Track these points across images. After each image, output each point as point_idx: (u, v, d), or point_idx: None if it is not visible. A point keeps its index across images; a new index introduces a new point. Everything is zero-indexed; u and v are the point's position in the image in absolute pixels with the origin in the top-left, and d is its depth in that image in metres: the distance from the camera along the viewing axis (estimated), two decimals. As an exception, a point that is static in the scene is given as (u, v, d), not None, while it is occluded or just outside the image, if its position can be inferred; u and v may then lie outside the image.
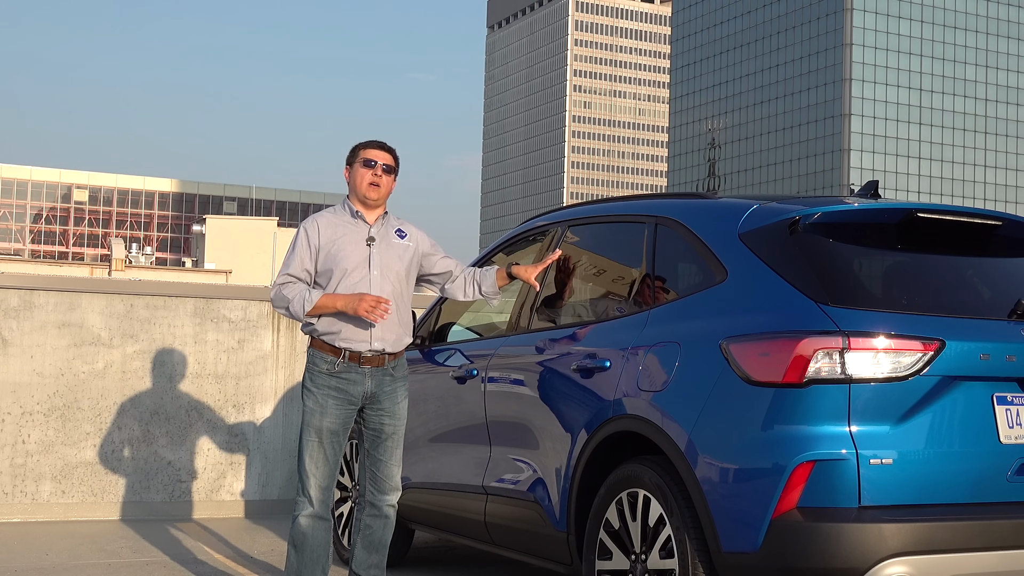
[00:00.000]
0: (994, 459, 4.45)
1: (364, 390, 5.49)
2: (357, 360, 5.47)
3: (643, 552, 4.80)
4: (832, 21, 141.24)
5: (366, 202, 5.58)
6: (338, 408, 5.47)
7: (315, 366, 5.51)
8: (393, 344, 5.55)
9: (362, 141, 5.71)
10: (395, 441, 5.63)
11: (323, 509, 5.51)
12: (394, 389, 5.59)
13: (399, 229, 5.68)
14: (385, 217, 5.66)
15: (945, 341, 4.38)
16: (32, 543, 7.55)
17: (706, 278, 4.96)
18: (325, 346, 5.49)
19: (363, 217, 5.58)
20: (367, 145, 5.66)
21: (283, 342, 9.15)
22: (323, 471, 5.49)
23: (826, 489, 4.24)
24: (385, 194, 5.61)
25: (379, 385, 5.53)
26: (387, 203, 5.70)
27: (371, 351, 5.48)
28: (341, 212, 5.63)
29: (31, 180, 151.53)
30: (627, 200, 5.88)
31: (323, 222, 5.57)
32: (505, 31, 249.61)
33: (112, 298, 8.74)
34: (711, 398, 4.57)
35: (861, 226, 4.91)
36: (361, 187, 5.56)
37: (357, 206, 5.60)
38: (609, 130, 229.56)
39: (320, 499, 5.50)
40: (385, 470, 5.62)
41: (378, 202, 5.60)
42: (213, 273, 69.22)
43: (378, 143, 5.68)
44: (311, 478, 5.48)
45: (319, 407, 5.46)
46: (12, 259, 79.71)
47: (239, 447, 9.00)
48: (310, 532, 5.49)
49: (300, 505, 5.52)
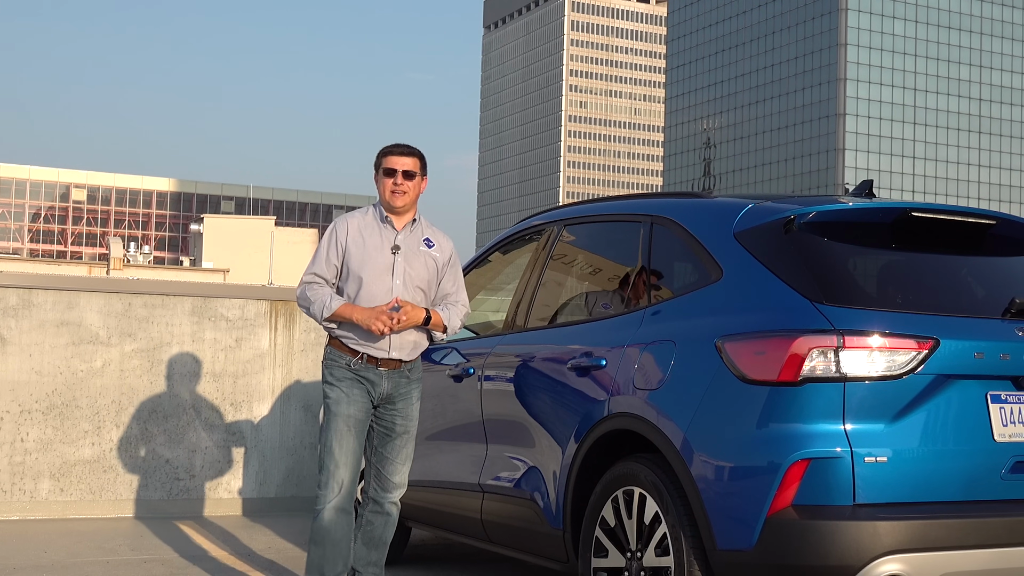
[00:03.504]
0: (988, 457, 4.47)
1: (381, 390, 5.50)
2: (375, 363, 5.47)
3: (639, 550, 4.82)
4: (827, 21, 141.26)
5: (392, 210, 5.53)
6: (362, 397, 5.47)
7: (334, 361, 5.51)
8: (410, 353, 5.54)
9: (386, 145, 5.62)
10: (404, 440, 5.62)
11: (347, 501, 5.44)
12: (409, 391, 5.60)
13: (427, 238, 5.61)
14: (414, 224, 5.59)
15: (939, 340, 4.40)
16: (30, 541, 7.56)
17: (701, 277, 4.98)
18: (344, 346, 5.49)
19: (391, 223, 5.53)
20: (388, 151, 5.57)
21: (280, 341, 9.16)
22: (353, 459, 5.45)
23: (821, 487, 4.26)
24: (411, 200, 5.53)
25: (395, 387, 5.53)
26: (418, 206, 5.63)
27: (388, 358, 5.49)
28: (372, 215, 5.58)
29: (29, 179, 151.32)
30: (623, 199, 5.90)
31: (353, 224, 5.53)
32: (502, 31, 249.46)
33: (110, 297, 8.75)
34: (706, 396, 4.59)
35: (856, 225, 4.93)
36: (384, 196, 5.52)
37: (386, 211, 5.55)
38: (605, 130, 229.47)
39: (348, 490, 5.43)
40: (390, 467, 5.61)
41: (404, 208, 5.53)
42: (211, 272, 69.16)
43: (399, 148, 5.57)
44: (340, 466, 5.41)
45: (345, 395, 5.45)
46: (11, 258, 79.58)
47: (237, 445, 9.02)
48: (332, 526, 5.42)
49: (323, 498, 5.43)
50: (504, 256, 6.80)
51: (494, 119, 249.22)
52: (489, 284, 7.20)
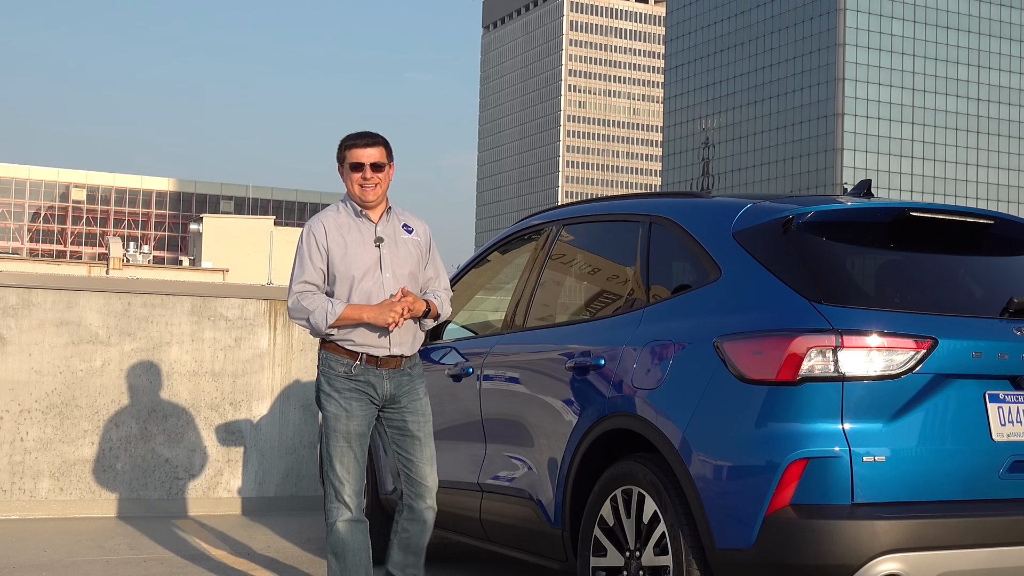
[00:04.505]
0: (986, 456, 4.47)
1: (384, 392, 5.28)
2: (375, 363, 5.26)
3: (637, 549, 4.83)
4: (825, 21, 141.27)
5: (365, 204, 5.30)
6: (362, 409, 5.26)
7: (331, 369, 5.28)
8: (411, 347, 5.35)
9: (346, 136, 5.36)
10: (423, 440, 5.38)
11: (360, 512, 5.31)
12: (413, 387, 5.38)
13: (405, 224, 5.41)
14: (390, 212, 5.38)
15: (938, 339, 4.41)
16: (30, 540, 7.57)
17: (700, 277, 4.98)
18: (341, 349, 5.25)
19: (367, 216, 5.31)
20: (351, 143, 5.30)
21: (280, 340, 9.17)
22: (355, 475, 5.27)
23: (819, 486, 4.26)
24: (382, 192, 5.31)
25: (398, 386, 5.31)
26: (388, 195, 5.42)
27: (389, 355, 5.28)
28: (344, 211, 5.35)
29: (29, 179, 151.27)
30: (621, 199, 5.91)
31: (329, 223, 5.29)
32: (500, 31, 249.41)
33: (110, 296, 8.75)
34: (705, 396, 4.59)
35: (854, 225, 4.94)
36: (354, 192, 5.29)
37: (359, 206, 5.33)
38: (604, 129, 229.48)
39: (356, 503, 5.28)
40: (418, 471, 5.37)
41: (377, 201, 5.31)
42: (210, 272, 69.13)
43: (363, 139, 5.30)
44: (345, 484, 5.24)
45: (343, 411, 5.23)
46: (10, 258, 79.51)
47: (236, 444, 9.03)
48: (349, 537, 5.26)
49: (335, 512, 5.26)
50: (503, 256, 6.81)
51: (493, 119, 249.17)
52: (488, 284, 7.20)
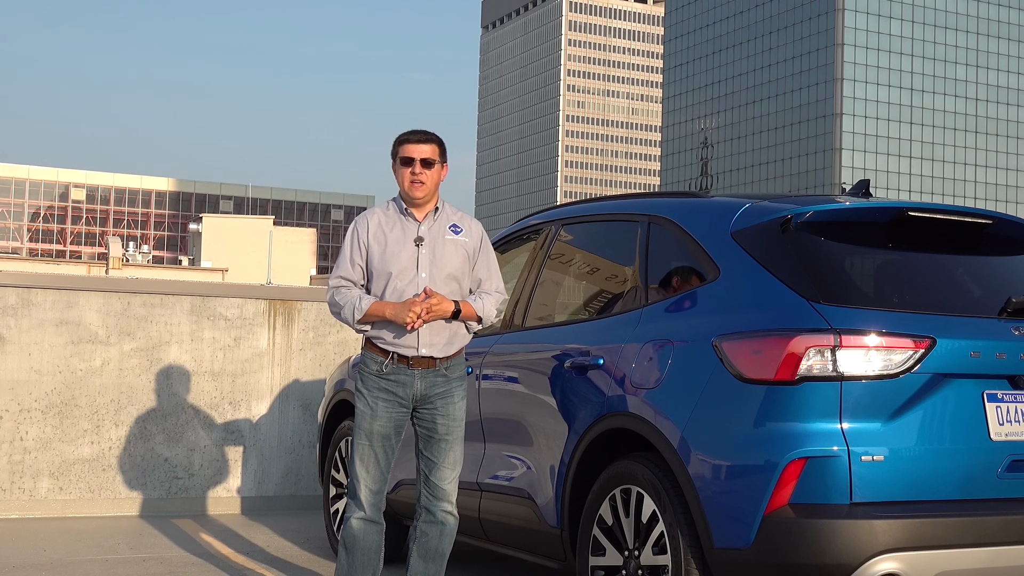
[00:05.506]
0: (985, 456, 4.48)
1: (414, 392, 5.22)
2: (406, 362, 5.21)
3: (636, 548, 4.83)
4: (824, 21, 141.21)
5: (412, 201, 5.27)
6: (388, 411, 5.22)
7: (366, 367, 5.28)
8: (443, 349, 5.23)
9: (403, 133, 5.34)
10: (449, 443, 5.31)
11: (374, 512, 5.31)
12: (448, 390, 5.28)
13: (454, 224, 5.32)
14: (437, 212, 5.30)
15: (936, 339, 4.42)
16: (30, 539, 7.58)
17: (699, 276, 4.99)
18: (375, 348, 5.24)
19: (412, 215, 5.26)
20: (405, 139, 5.28)
21: (279, 340, 9.18)
22: (374, 474, 5.27)
23: (818, 486, 4.27)
24: (431, 189, 5.25)
25: (430, 387, 5.23)
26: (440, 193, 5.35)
27: (418, 355, 5.21)
28: (393, 208, 5.32)
29: (29, 179, 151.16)
30: (620, 199, 5.91)
31: (373, 220, 5.28)
32: (499, 31, 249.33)
33: (109, 296, 8.76)
34: (704, 395, 4.60)
35: (853, 225, 4.94)
36: (404, 187, 5.24)
37: (406, 203, 5.29)
38: (602, 129, 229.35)
39: (371, 502, 5.29)
40: (438, 473, 5.33)
41: (425, 199, 5.25)
42: (209, 271, 69.12)
43: (416, 136, 5.28)
44: (360, 482, 5.26)
45: (369, 410, 5.23)
46: (10, 257, 79.41)
47: (235, 444, 9.04)
48: (361, 535, 5.29)
49: (350, 508, 5.32)
50: (502, 255, 6.80)
51: (492, 119, 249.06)
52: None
